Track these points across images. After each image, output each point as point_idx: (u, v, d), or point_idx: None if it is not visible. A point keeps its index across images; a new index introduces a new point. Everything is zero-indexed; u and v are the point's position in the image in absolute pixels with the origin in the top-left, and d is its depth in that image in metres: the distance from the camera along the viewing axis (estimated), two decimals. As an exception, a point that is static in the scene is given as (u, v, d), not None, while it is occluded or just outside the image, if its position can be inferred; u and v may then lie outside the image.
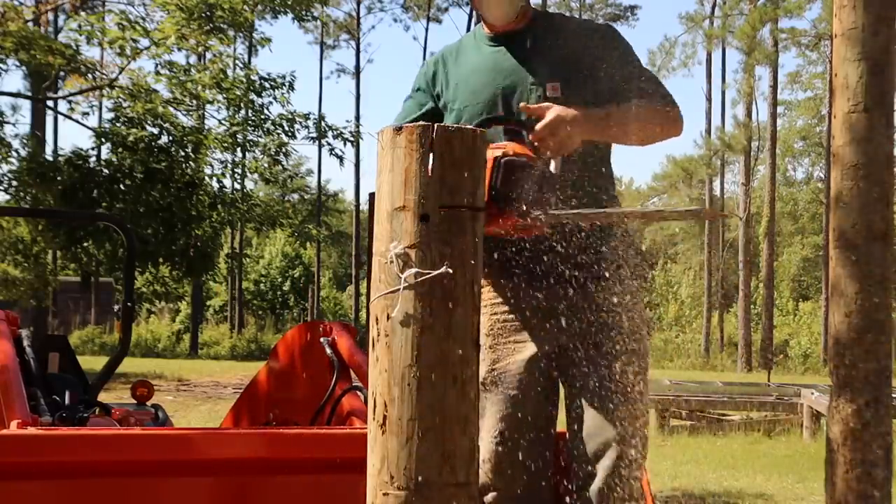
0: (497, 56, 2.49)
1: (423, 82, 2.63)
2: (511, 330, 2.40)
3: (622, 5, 39.47)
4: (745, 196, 28.69)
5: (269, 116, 13.79)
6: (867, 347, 2.81)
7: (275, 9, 14.78)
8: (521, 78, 2.43)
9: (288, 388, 3.85)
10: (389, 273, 1.47)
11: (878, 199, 2.80)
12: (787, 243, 41.79)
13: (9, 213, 15.28)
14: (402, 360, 1.45)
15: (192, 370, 19.13)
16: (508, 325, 2.41)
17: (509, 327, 2.41)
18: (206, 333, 31.19)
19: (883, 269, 2.81)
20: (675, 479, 7.44)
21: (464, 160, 1.48)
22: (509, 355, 2.38)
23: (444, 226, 1.46)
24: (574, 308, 2.38)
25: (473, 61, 2.54)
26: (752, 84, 28.96)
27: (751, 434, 10.40)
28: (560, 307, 2.38)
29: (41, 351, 4.20)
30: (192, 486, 2.30)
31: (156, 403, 4.21)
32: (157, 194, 13.08)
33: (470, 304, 1.48)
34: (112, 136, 13.49)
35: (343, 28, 37.81)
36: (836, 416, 2.86)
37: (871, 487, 2.81)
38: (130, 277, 4.71)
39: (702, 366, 26.80)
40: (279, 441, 2.41)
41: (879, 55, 2.80)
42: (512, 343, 2.39)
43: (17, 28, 13.07)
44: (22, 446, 2.17)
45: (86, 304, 30.61)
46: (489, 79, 2.45)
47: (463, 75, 2.51)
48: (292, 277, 37.27)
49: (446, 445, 1.45)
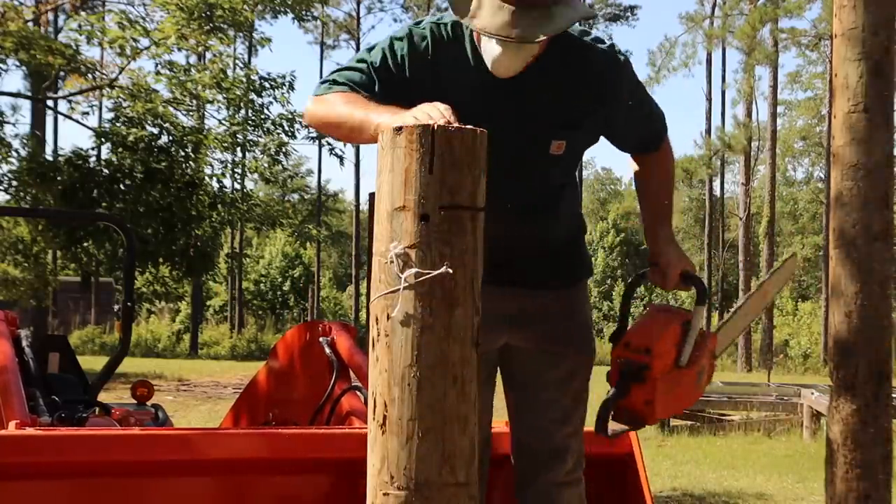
0: (492, 86, 2.14)
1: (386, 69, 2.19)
2: None
3: (622, 5, 39.47)
4: (745, 196, 28.69)
5: (269, 116, 13.81)
6: (867, 347, 2.81)
7: (275, 9, 14.80)
8: (520, 125, 2.17)
9: (288, 388, 3.85)
10: (389, 273, 1.47)
11: (878, 199, 2.80)
12: (787, 243, 41.79)
13: (9, 213, 15.28)
14: (402, 360, 1.45)
15: (192, 370, 19.12)
16: None
17: None
18: (206, 333, 31.18)
19: (883, 269, 2.81)
20: (675, 479, 7.43)
21: (464, 160, 1.48)
22: None
23: (444, 226, 1.45)
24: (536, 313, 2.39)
25: (459, 82, 2.15)
26: (752, 84, 28.97)
27: (751, 434, 10.40)
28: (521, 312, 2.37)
29: (41, 351, 4.21)
30: (192, 486, 2.30)
31: (156, 403, 4.21)
32: (157, 194, 13.09)
33: (470, 304, 1.48)
34: (112, 135, 13.50)
35: (343, 28, 37.81)
36: (836, 416, 2.86)
37: (871, 487, 2.81)
38: (130, 277, 4.71)
39: (702, 366, 26.76)
40: (279, 441, 2.41)
41: (879, 55, 2.80)
42: None
43: (17, 28, 13.07)
44: (21, 446, 2.17)
45: (86, 304, 30.60)
46: (479, 113, 1.88)
47: (442, 95, 1.93)
48: (292, 277, 37.27)
49: (446, 445, 1.44)
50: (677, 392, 2.23)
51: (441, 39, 2.20)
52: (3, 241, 16.06)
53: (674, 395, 2.22)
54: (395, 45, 2.20)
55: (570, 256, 2.45)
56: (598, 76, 2.22)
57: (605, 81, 2.23)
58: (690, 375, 2.24)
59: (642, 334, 2.24)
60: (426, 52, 2.19)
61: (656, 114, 2.43)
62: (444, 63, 2.18)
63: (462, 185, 1.47)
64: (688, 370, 2.23)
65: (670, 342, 2.21)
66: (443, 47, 2.19)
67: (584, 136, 2.31)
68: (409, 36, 2.21)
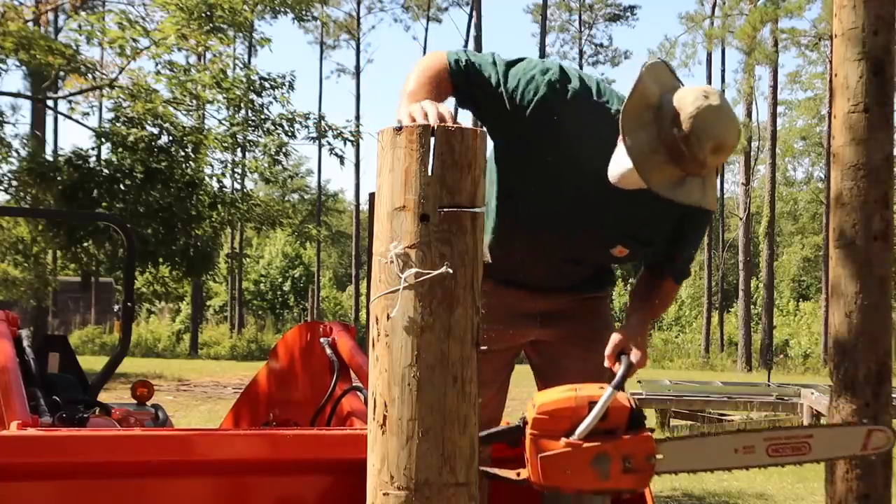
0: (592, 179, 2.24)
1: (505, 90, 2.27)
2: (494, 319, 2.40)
3: (622, 5, 39.46)
4: (745, 196, 28.68)
5: (269, 116, 13.81)
6: (867, 347, 2.81)
7: (275, 9, 14.81)
8: (599, 221, 2.33)
9: (288, 388, 3.85)
10: (389, 273, 1.47)
11: (878, 199, 2.80)
12: (787, 243, 41.78)
13: (9, 213, 15.28)
14: (402, 360, 1.45)
15: (192, 370, 19.12)
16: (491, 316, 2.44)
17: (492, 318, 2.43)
18: (206, 333, 31.18)
19: (883, 269, 2.81)
20: (675, 479, 7.42)
21: (464, 160, 1.48)
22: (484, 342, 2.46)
23: (444, 226, 1.45)
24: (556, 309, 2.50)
25: (571, 159, 2.26)
26: (752, 84, 28.98)
27: (751, 434, 10.38)
28: (549, 310, 2.49)
29: (41, 351, 4.20)
30: (192, 487, 2.30)
31: (156, 403, 4.20)
32: (157, 194, 13.09)
33: (470, 304, 1.48)
34: (112, 136, 13.50)
35: (343, 28, 37.79)
36: (836, 416, 2.86)
37: (871, 487, 2.81)
38: (130, 277, 4.71)
39: (702, 366, 26.77)
40: (279, 441, 2.41)
41: (879, 55, 2.80)
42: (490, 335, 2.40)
43: (17, 28, 13.07)
44: (22, 447, 2.17)
45: (86, 304, 30.60)
46: (572, 194, 2.26)
47: (554, 158, 2.23)
48: (292, 277, 37.25)
49: (446, 445, 1.44)
50: (562, 466, 1.95)
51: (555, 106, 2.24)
52: (3, 241, 16.05)
53: (558, 469, 1.95)
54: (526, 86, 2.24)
55: (597, 279, 2.59)
56: (680, 217, 2.34)
57: (683, 221, 2.36)
58: (583, 454, 1.95)
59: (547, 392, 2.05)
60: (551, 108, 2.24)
61: (689, 258, 2.52)
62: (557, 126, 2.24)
63: (462, 185, 1.47)
64: (579, 448, 1.95)
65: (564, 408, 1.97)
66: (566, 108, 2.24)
67: (646, 250, 2.44)
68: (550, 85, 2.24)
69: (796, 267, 40.59)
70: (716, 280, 35.06)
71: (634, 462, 1.95)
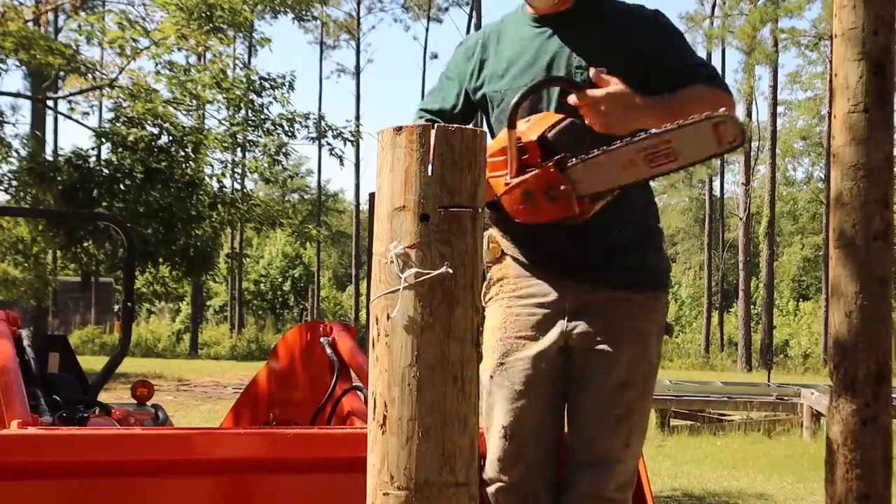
0: (541, 38, 2.40)
1: (456, 69, 2.54)
2: (522, 325, 2.35)
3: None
4: (745, 196, 28.70)
5: (269, 116, 13.81)
6: (867, 347, 2.81)
7: (275, 9, 14.81)
8: (566, 61, 2.35)
9: (288, 388, 3.85)
10: (389, 273, 1.47)
11: (878, 199, 2.81)
12: (787, 243, 41.80)
13: (9, 213, 15.29)
14: (402, 360, 1.45)
15: (192, 370, 19.14)
16: (521, 320, 2.35)
17: (522, 322, 2.35)
18: (206, 333, 31.21)
19: (883, 269, 2.81)
20: (675, 479, 7.44)
21: (464, 160, 1.48)
22: (517, 350, 2.36)
23: (444, 226, 1.46)
24: (595, 310, 2.32)
25: (516, 43, 2.44)
26: (752, 84, 29.00)
27: (751, 434, 10.40)
28: (579, 306, 2.32)
29: (41, 351, 4.20)
30: (192, 486, 2.30)
31: (156, 403, 4.21)
32: (157, 194, 13.10)
33: (470, 304, 1.48)
34: (112, 136, 13.50)
35: (343, 28, 37.82)
36: (836, 416, 2.86)
37: (871, 487, 2.81)
38: (130, 277, 4.72)
39: (702, 366, 26.80)
40: (279, 441, 2.41)
41: (879, 55, 2.80)
42: (521, 339, 2.36)
43: (17, 28, 13.07)
44: (22, 446, 2.17)
45: (86, 304, 30.61)
46: (532, 60, 2.37)
47: (504, 58, 2.43)
48: (292, 277, 37.27)
49: (446, 445, 1.45)
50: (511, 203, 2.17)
51: (490, 31, 2.54)
52: (3, 241, 16.06)
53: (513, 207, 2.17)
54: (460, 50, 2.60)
55: (634, 258, 2.36)
56: (626, 19, 2.38)
57: (634, 22, 2.37)
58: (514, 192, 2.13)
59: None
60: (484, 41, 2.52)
61: (699, 65, 2.35)
62: (497, 42, 2.49)
63: (462, 185, 1.47)
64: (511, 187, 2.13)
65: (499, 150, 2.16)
66: (493, 32, 2.53)
67: (624, 68, 2.23)
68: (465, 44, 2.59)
69: (796, 267, 40.61)
70: (716, 280, 35.08)
71: (555, 192, 2.10)
